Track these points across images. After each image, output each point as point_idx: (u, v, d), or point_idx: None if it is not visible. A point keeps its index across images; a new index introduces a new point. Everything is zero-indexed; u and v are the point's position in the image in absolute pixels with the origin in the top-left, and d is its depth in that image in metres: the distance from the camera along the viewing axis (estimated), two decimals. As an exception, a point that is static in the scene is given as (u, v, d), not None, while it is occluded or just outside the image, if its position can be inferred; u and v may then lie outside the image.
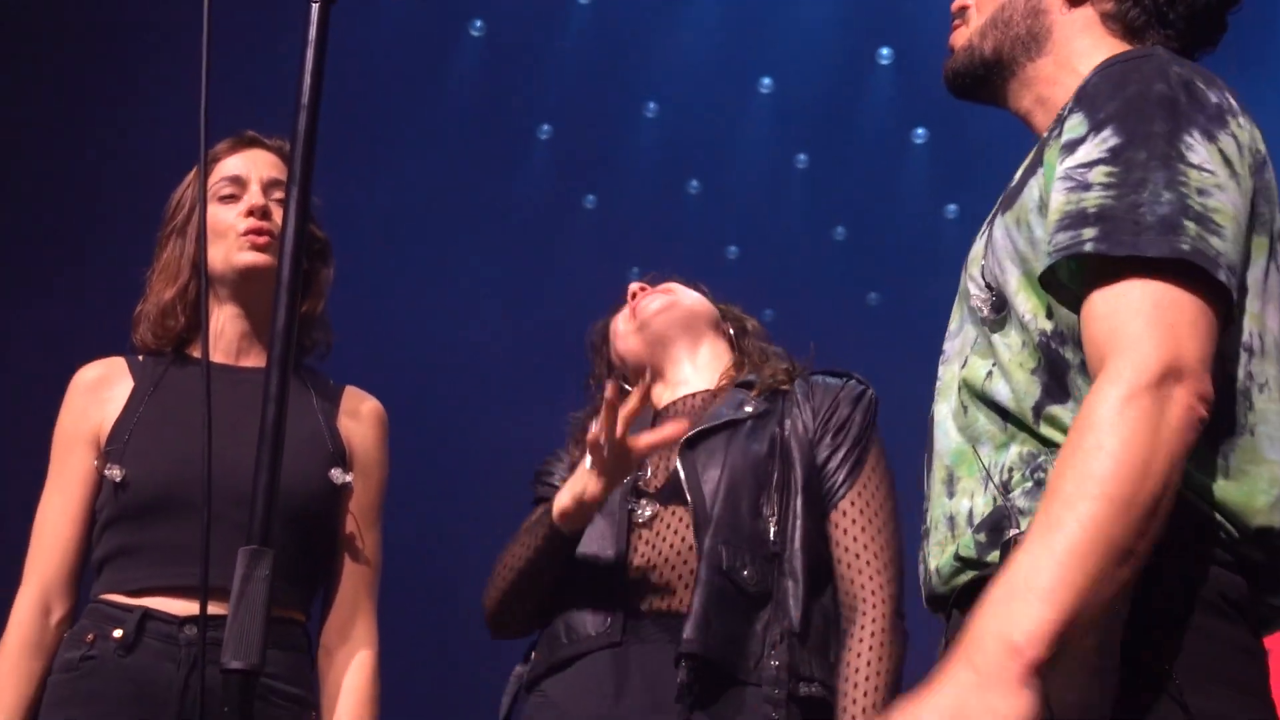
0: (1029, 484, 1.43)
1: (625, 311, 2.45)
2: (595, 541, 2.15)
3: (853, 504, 2.14)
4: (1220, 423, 1.35)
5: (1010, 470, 1.45)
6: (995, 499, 1.45)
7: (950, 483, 1.54)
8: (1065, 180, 1.42)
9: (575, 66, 6.94)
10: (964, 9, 1.74)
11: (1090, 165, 1.40)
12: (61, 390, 2.34)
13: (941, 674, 1.23)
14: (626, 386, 2.21)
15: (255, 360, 2.32)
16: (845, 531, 2.11)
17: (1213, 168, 1.38)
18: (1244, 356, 1.40)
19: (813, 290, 6.68)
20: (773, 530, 2.06)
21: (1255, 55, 5.89)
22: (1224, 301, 1.33)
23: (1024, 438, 1.46)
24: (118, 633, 2.11)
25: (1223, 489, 1.35)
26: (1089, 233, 1.36)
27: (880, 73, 7.17)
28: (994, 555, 1.43)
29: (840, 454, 2.16)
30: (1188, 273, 1.31)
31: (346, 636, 2.28)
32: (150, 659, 2.10)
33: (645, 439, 2.05)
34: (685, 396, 2.33)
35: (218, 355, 2.31)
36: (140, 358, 2.34)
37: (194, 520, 2.05)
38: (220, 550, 1.44)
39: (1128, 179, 1.37)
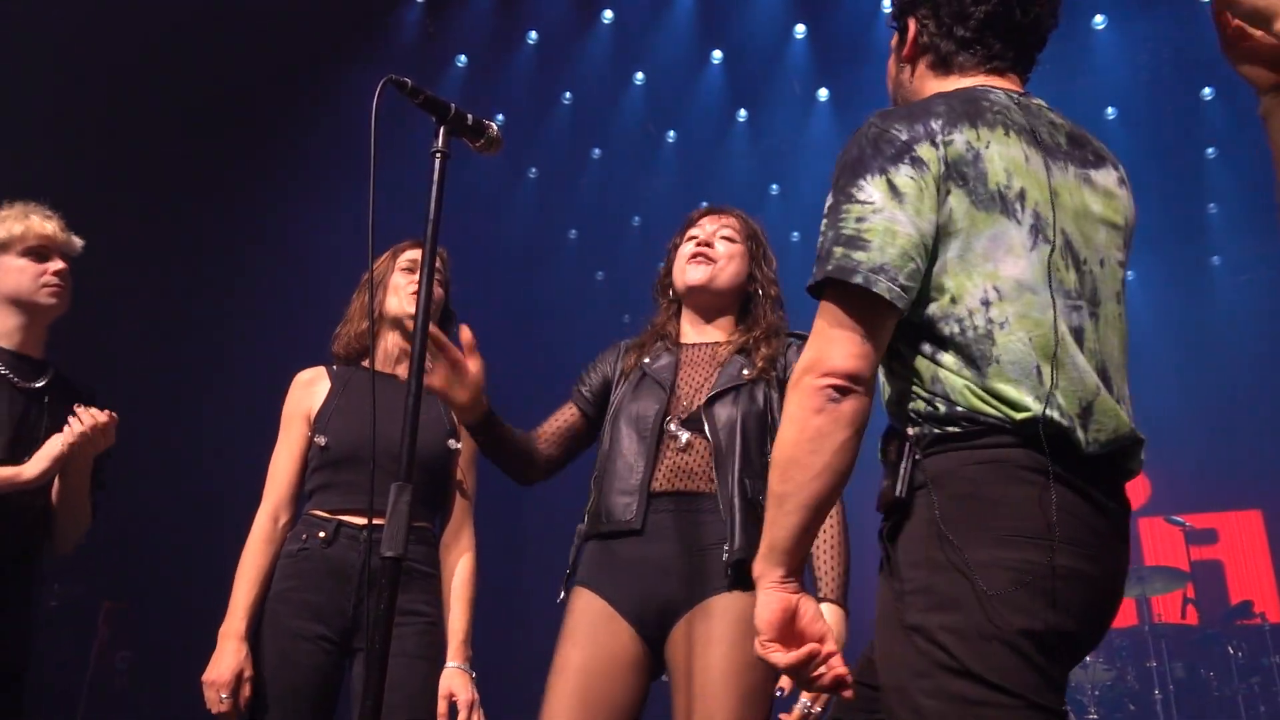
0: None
1: (685, 259, 2.11)
2: (632, 452, 1.96)
3: None
4: (975, 361, 1.16)
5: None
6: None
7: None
8: None
9: (592, 191, 7.22)
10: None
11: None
12: (279, 386, 2.32)
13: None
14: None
15: (405, 371, 2.27)
16: None
17: (875, 198, 1.16)
18: (982, 309, 1.17)
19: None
20: None
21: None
22: (870, 295, 1.14)
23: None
24: (321, 534, 2.11)
25: (983, 402, 1.16)
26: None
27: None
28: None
29: None
30: (838, 285, 1.17)
31: (456, 538, 2.27)
32: (341, 551, 2.10)
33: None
34: (701, 344, 2.09)
35: (382, 367, 2.29)
36: (335, 366, 2.32)
37: (366, 468, 2.07)
38: (381, 487, 1.45)
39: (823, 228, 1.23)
